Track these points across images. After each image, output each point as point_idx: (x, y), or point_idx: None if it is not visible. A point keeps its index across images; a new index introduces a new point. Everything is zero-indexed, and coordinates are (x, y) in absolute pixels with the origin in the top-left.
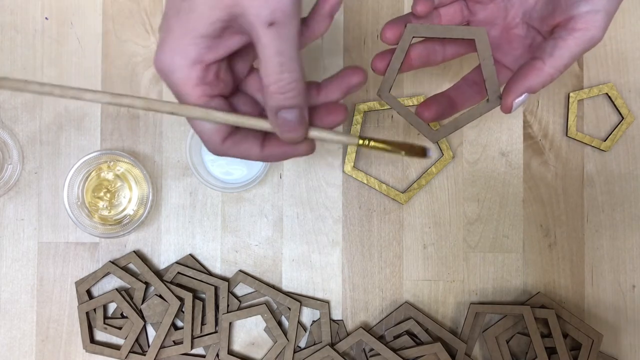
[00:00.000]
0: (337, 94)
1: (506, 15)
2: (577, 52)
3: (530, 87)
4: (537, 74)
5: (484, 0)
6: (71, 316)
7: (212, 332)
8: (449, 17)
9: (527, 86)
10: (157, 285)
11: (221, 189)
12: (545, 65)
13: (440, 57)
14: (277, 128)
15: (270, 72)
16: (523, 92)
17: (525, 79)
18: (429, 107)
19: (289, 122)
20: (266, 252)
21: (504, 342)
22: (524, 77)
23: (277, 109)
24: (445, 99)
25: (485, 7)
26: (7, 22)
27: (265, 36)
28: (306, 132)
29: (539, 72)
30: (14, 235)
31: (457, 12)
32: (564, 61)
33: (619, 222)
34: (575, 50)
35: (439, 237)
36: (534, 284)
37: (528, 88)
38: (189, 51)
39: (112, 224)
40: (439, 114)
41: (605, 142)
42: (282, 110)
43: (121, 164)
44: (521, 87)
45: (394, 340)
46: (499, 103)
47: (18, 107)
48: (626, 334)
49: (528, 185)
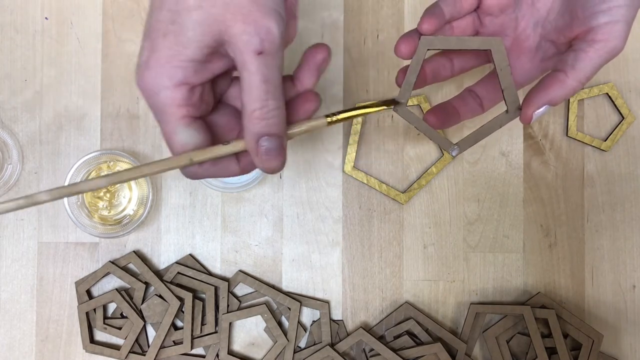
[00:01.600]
0: (311, 77)
1: (517, 26)
2: (598, 64)
3: (551, 100)
4: (560, 87)
5: (494, 12)
6: (71, 316)
7: (212, 332)
8: (461, 30)
9: (549, 98)
10: (157, 285)
11: (221, 189)
12: (568, 78)
13: (449, 72)
14: (257, 157)
15: (255, 98)
16: (544, 104)
17: (547, 91)
18: (436, 115)
19: (270, 151)
20: (266, 252)
21: (504, 342)
22: (545, 89)
23: (258, 136)
24: (449, 108)
25: (495, 18)
26: (7, 22)
27: (252, 64)
28: (284, 161)
29: (561, 85)
30: (14, 235)
31: (469, 25)
32: (587, 73)
33: (619, 222)
34: (597, 62)
35: (439, 237)
36: (534, 284)
37: (549, 100)
38: (176, 73)
39: (112, 224)
40: (444, 122)
41: (605, 142)
42: (264, 138)
43: (121, 164)
44: (542, 99)
45: (394, 341)
46: (518, 114)
47: (18, 107)
48: (626, 334)
49: (528, 185)
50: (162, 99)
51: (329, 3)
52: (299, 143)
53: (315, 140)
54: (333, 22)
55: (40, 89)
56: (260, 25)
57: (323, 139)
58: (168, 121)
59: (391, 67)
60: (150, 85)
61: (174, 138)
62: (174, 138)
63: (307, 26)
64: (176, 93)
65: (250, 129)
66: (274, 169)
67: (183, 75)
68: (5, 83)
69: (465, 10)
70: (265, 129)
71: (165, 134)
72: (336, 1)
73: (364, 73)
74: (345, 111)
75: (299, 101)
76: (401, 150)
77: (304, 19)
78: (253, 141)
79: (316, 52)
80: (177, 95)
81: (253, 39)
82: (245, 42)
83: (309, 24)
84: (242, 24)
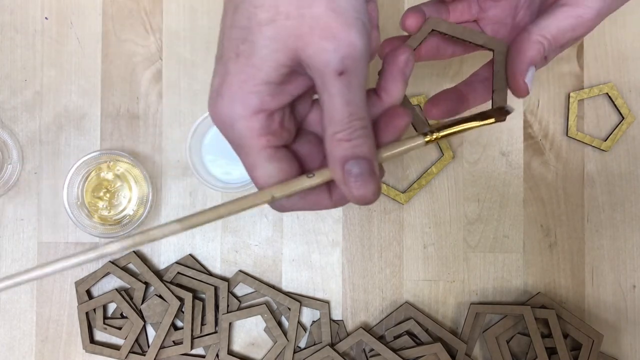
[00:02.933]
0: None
1: (515, 14)
2: (563, 26)
3: (531, 59)
4: (528, 46)
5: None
6: (71, 316)
7: (212, 333)
8: (457, 14)
9: (528, 59)
10: (157, 285)
11: (221, 189)
12: (531, 35)
13: (450, 52)
14: (344, 185)
15: (337, 121)
16: (527, 66)
17: (520, 53)
18: (437, 104)
19: (359, 176)
20: (266, 252)
21: (504, 343)
22: (518, 52)
23: (344, 160)
24: (456, 94)
25: (496, 5)
26: (7, 22)
27: (334, 86)
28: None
29: (528, 43)
30: (13, 235)
31: (466, 9)
32: (551, 31)
33: (619, 222)
34: (562, 24)
35: (439, 237)
36: (534, 284)
37: (530, 60)
38: (250, 99)
39: (111, 224)
40: (449, 111)
41: (605, 142)
42: (350, 162)
43: (121, 164)
44: (522, 62)
45: (394, 341)
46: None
47: (18, 107)
48: (627, 334)
49: (528, 185)
50: (239, 130)
51: None
52: None
53: None
54: None
55: (40, 89)
56: (341, 39)
57: None
58: (248, 154)
59: None
60: (224, 115)
61: (256, 172)
62: (256, 172)
63: None
64: (253, 122)
65: (334, 154)
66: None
67: (259, 102)
68: (5, 83)
69: None
70: (351, 151)
71: (247, 167)
72: None
73: None
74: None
75: (386, 118)
76: None
77: None
78: (339, 167)
79: (397, 55)
80: (254, 124)
81: (333, 57)
82: (324, 62)
83: None
84: (320, 39)
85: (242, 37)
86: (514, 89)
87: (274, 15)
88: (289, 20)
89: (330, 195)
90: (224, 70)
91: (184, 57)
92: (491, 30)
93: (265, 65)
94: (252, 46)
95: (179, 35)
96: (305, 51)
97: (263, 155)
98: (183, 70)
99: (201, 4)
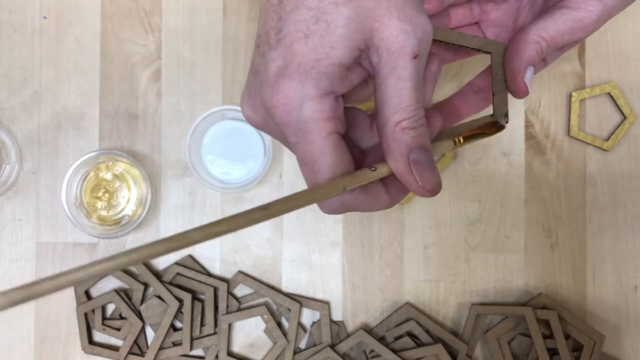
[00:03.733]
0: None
1: (517, 17)
2: (562, 29)
3: (529, 58)
4: (526, 46)
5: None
6: (70, 317)
7: (211, 334)
8: (459, 17)
9: (526, 58)
10: (156, 286)
11: (221, 189)
12: (529, 35)
13: (450, 57)
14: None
15: (404, 107)
16: (526, 66)
17: (518, 53)
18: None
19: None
20: (266, 253)
21: (506, 343)
22: (516, 52)
23: (409, 149)
24: (449, 107)
25: (498, 7)
26: (5, 21)
27: (406, 69)
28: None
29: (526, 43)
30: (12, 235)
31: (467, 12)
32: (549, 32)
33: (621, 222)
34: (560, 26)
35: (440, 237)
36: (536, 285)
37: (528, 60)
38: (323, 80)
39: (110, 224)
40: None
41: (607, 141)
42: (416, 151)
43: (120, 164)
44: (520, 62)
45: (394, 342)
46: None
47: (16, 106)
48: (628, 335)
49: (530, 186)
50: (307, 112)
51: None
52: None
53: None
54: None
55: (38, 89)
56: (417, 23)
57: None
58: (313, 140)
59: None
60: (290, 97)
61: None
62: (322, 160)
63: None
64: (324, 104)
65: (399, 143)
66: (434, 186)
67: (330, 83)
68: (3, 82)
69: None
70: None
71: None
72: None
73: None
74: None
75: None
76: None
77: None
78: (404, 157)
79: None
80: (325, 106)
81: (411, 39)
82: (401, 43)
83: None
84: (399, 21)
85: (315, 17)
86: (513, 90)
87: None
88: (367, 1)
89: (387, 190)
90: (288, 53)
91: (183, 57)
92: (492, 33)
93: (342, 45)
94: (327, 26)
95: (178, 34)
96: (382, 32)
97: (330, 141)
98: (182, 70)
99: (200, 3)
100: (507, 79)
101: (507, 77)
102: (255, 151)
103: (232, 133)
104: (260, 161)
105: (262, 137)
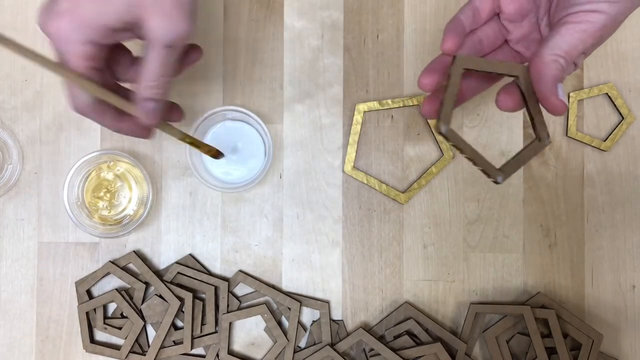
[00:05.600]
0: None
1: (539, 29)
2: (572, 42)
3: (554, 77)
4: (546, 67)
5: (516, 18)
6: (71, 316)
7: (212, 332)
8: (491, 40)
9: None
10: (157, 285)
11: (221, 189)
12: (544, 57)
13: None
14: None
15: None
16: (554, 85)
17: (542, 76)
18: (434, 102)
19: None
20: (266, 252)
21: (504, 342)
22: (539, 77)
23: (146, 98)
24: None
25: (519, 25)
26: (7, 22)
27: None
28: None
29: (545, 65)
30: (14, 235)
31: (497, 33)
32: (562, 48)
33: (619, 222)
34: (570, 40)
35: (439, 237)
36: (534, 284)
37: (553, 79)
38: (89, 33)
39: (112, 224)
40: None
41: (605, 142)
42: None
43: (121, 164)
44: (547, 83)
45: (394, 341)
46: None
47: (18, 107)
48: (626, 334)
49: (528, 185)
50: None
51: (328, 3)
52: (298, 143)
53: (315, 140)
54: (333, 22)
55: (40, 89)
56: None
57: (323, 139)
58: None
59: (391, 68)
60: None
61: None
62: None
63: (306, 26)
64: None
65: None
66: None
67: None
68: (5, 83)
69: (484, 19)
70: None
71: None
72: (336, 1)
73: (363, 73)
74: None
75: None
76: (401, 150)
77: (304, 19)
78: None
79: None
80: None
81: (167, 34)
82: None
83: (309, 24)
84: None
85: None
86: (551, 109)
87: None
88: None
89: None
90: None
91: None
92: (523, 48)
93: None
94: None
95: None
96: (148, 23)
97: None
98: None
99: (201, 4)
100: (541, 102)
101: (541, 101)
102: (256, 151)
103: (233, 133)
104: (261, 161)
105: (263, 138)
